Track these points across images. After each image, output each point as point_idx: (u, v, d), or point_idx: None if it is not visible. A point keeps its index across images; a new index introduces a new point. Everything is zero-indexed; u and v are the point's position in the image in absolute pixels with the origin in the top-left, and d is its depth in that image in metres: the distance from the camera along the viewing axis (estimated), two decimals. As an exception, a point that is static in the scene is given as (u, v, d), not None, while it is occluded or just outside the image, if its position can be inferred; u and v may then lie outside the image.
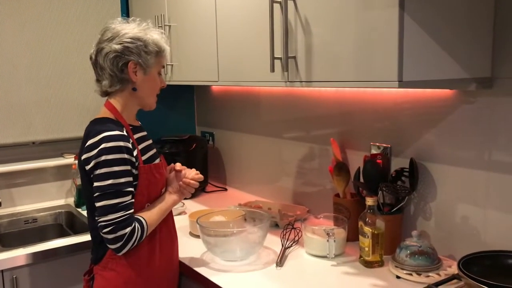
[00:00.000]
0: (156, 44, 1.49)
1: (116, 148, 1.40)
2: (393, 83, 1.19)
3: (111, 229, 1.39)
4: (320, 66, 1.42)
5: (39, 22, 2.36)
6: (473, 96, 1.46)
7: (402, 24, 1.17)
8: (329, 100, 1.96)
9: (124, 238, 1.40)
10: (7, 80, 2.30)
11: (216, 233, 1.66)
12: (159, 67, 1.54)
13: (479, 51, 1.35)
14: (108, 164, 1.38)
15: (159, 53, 1.51)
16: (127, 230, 1.40)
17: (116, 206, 1.39)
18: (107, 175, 1.39)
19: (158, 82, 1.55)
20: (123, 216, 1.39)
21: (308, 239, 1.68)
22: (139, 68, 1.48)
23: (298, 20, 1.46)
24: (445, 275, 1.42)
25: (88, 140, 1.42)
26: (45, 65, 2.40)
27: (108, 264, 1.49)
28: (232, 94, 2.56)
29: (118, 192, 1.40)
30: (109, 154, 1.39)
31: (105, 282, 1.50)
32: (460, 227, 1.54)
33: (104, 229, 1.39)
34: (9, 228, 2.25)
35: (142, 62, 1.47)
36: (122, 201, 1.40)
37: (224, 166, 2.69)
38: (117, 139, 1.40)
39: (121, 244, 1.40)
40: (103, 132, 1.40)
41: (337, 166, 1.81)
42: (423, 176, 1.62)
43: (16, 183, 2.38)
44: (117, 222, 1.39)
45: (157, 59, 1.51)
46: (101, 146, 1.39)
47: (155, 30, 1.53)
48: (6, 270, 1.77)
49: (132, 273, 1.48)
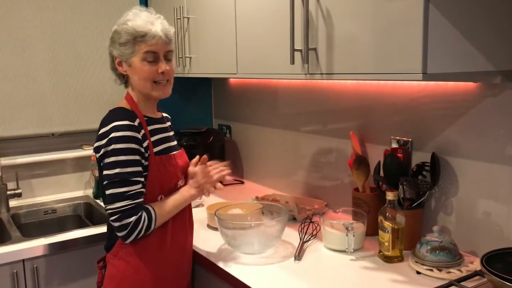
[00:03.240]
0: (129, 32, 1.43)
1: (124, 138, 1.41)
2: (417, 76, 1.17)
3: (117, 217, 1.41)
4: (341, 58, 1.40)
5: (58, 11, 2.38)
6: (497, 89, 1.43)
7: (427, 15, 1.14)
8: (349, 93, 1.94)
9: (129, 227, 1.41)
10: (27, 71, 2.33)
11: (234, 226, 1.65)
12: (141, 54, 1.44)
13: (505, 43, 1.32)
14: (115, 153, 1.40)
15: (136, 39, 1.43)
16: (132, 219, 1.41)
17: (123, 195, 1.41)
18: (114, 164, 1.41)
19: (146, 69, 1.46)
20: (129, 205, 1.41)
21: (326, 233, 1.67)
22: (122, 61, 1.49)
23: (319, 11, 1.44)
24: (467, 271, 1.40)
25: (101, 129, 1.45)
26: (64, 56, 2.41)
27: (118, 252, 1.51)
28: (250, 87, 2.55)
29: (125, 181, 1.41)
30: (118, 144, 1.40)
31: (115, 271, 1.52)
32: (482, 223, 1.51)
33: (111, 217, 1.42)
34: (29, 219, 2.28)
35: (120, 55, 1.48)
36: (129, 190, 1.41)
37: (241, 159, 2.69)
38: (126, 129, 1.42)
39: (127, 233, 1.42)
40: (113, 122, 1.42)
41: (356, 160, 1.79)
42: (444, 170, 1.59)
43: (36, 174, 2.41)
44: (123, 210, 1.40)
45: (136, 47, 1.44)
46: (111, 135, 1.41)
47: (143, 15, 1.46)
48: (27, 260, 1.79)
49: (140, 263, 1.50)
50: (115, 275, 1.52)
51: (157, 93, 1.51)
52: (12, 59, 2.29)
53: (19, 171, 2.32)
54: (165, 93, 1.53)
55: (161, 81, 1.49)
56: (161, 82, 1.49)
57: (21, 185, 2.31)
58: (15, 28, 2.28)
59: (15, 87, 2.31)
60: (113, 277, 1.52)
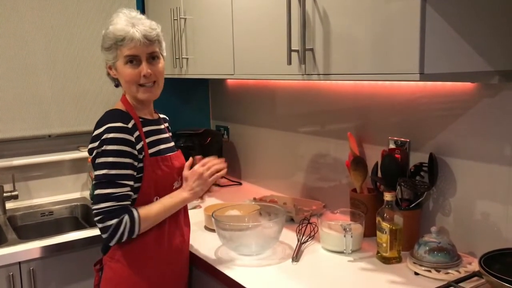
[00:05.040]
0: (110, 37, 1.44)
1: (117, 140, 1.41)
2: (414, 76, 1.16)
3: (100, 218, 1.41)
4: (339, 58, 1.39)
5: (56, 13, 2.37)
6: (495, 90, 1.43)
7: (423, 15, 1.14)
8: (346, 94, 1.94)
9: (110, 229, 1.40)
10: (24, 74, 2.32)
11: (231, 227, 1.65)
12: (122, 58, 1.44)
13: (503, 43, 1.31)
14: (106, 154, 1.41)
15: (117, 44, 1.43)
16: (114, 221, 1.40)
17: (108, 196, 1.40)
18: (103, 165, 1.41)
19: (129, 73, 1.45)
20: (112, 206, 1.40)
21: (324, 234, 1.67)
22: (110, 65, 1.50)
23: (316, 11, 1.44)
24: (465, 272, 1.40)
25: (95, 131, 1.45)
26: (61, 59, 2.41)
27: (115, 255, 1.50)
28: (247, 88, 2.54)
29: (112, 183, 1.40)
30: (109, 145, 1.40)
31: (112, 273, 1.51)
32: (480, 224, 1.51)
33: (95, 217, 1.42)
34: (26, 221, 2.26)
35: (107, 60, 1.49)
36: (115, 192, 1.40)
37: (239, 160, 2.68)
38: (118, 131, 1.41)
39: (108, 235, 1.41)
40: (107, 123, 1.42)
41: (354, 161, 1.78)
42: (442, 171, 1.59)
43: (32, 176, 2.40)
44: (106, 211, 1.40)
45: (118, 51, 1.44)
46: (103, 137, 1.41)
47: (123, 17, 1.45)
48: (23, 262, 1.78)
49: (137, 265, 1.49)
50: (112, 277, 1.51)
51: (144, 96, 1.49)
52: (9, 61, 2.28)
53: (16, 172, 2.31)
54: (153, 95, 1.51)
55: (146, 84, 1.47)
56: (146, 85, 1.48)
57: (17, 187, 2.30)
58: (13, 30, 2.27)
59: (12, 88, 2.30)
60: (110, 280, 1.51)
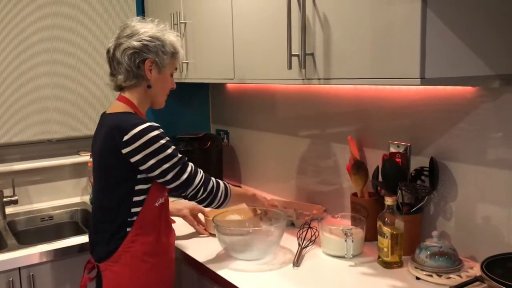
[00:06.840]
0: (172, 45, 1.56)
1: (163, 134, 1.47)
2: (415, 80, 1.16)
3: (201, 187, 1.52)
4: (339, 63, 1.39)
5: (58, 15, 2.37)
6: (495, 94, 1.42)
7: (424, 19, 1.13)
8: (347, 98, 1.93)
9: (214, 190, 1.55)
10: (25, 78, 2.32)
11: (232, 232, 1.64)
12: (172, 68, 1.59)
13: (504, 47, 1.31)
14: (166, 146, 1.46)
15: (174, 55, 1.57)
16: (212, 183, 1.56)
17: (196, 170, 1.53)
18: (170, 155, 1.45)
19: (170, 83, 1.60)
20: (204, 176, 1.55)
21: (325, 238, 1.66)
22: (155, 66, 1.53)
23: (316, 15, 1.44)
24: (467, 277, 1.39)
25: (126, 134, 1.42)
26: (62, 63, 2.41)
27: (121, 258, 1.49)
28: (247, 92, 2.54)
29: (186, 164, 1.51)
30: (162, 139, 1.45)
31: (115, 276, 1.51)
32: (482, 228, 1.50)
33: (197, 194, 1.53)
34: (26, 226, 2.26)
35: (159, 61, 1.52)
36: (192, 167, 1.52)
37: (239, 164, 2.68)
38: (159, 127, 1.47)
39: (213, 196, 1.55)
40: (144, 123, 1.44)
41: (355, 165, 1.78)
42: (443, 175, 1.58)
43: (32, 181, 2.40)
44: (204, 181, 1.53)
45: (172, 60, 1.57)
46: (153, 134, 1.43)
47: (172, 32, 1.59)
48: (23, 268, 1.78)
49: (141, 263, 1.51)
50: (120, 282, 1.50)
51: (163, 105, 1.64)
52: (10, 65, 2.28)
53: (16, 177, 2.31)
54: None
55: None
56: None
57: (17, 191, 2.30)
58: (14, 35, 2.28)
59: (12, 93, 2.30)
60: (118, 285, 1.51)
